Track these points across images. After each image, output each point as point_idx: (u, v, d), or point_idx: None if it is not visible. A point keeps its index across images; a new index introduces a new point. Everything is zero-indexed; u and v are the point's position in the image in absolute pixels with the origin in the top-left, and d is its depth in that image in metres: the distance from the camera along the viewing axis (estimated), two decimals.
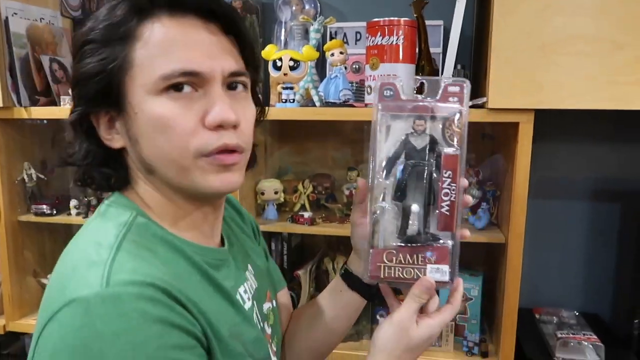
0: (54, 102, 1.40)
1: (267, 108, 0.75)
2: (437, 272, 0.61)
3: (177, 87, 0.56)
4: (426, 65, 1.21)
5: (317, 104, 1.20)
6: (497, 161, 1.33)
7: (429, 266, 0.61)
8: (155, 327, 0.50)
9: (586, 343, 1.18)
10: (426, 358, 1.22)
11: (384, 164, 0.61)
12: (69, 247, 0.59)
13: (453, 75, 1.11)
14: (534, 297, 1.45)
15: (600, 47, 0.99)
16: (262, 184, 1.36)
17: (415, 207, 0.61)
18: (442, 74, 1.12)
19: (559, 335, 1.21)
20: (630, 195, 1.37)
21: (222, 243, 0.72)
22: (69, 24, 1.52)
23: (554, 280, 1.46)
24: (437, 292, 0.64)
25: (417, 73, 1.19)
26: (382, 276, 0.61)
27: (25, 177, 1.43)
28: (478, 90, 1.20)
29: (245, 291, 0.70)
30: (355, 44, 1.41)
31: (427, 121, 0.61)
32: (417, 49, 1.18)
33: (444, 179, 0.60)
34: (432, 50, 1.24)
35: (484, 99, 1.07)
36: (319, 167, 1.49)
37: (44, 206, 1.42)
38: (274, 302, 0.81)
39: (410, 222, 0.61)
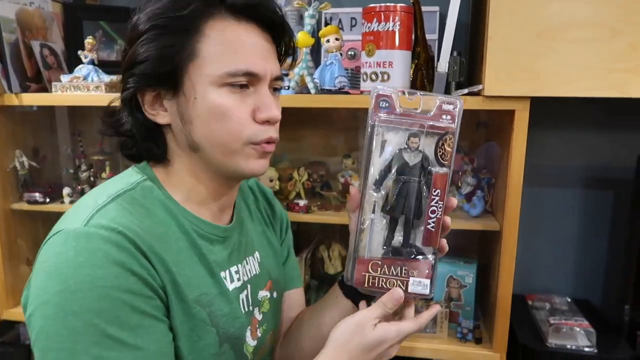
0: (45, 89, 1.37)
1: None
2: (419, 285, 0.64)
3: (233, 83, 0.65)
4: (422, 52, 1.20)
5: (312, 91, 1.19)
6: (492, 148, 1.33)
7: (411, 279, 0.64)
8: (115, 268, 0.58)
9: (578, 329, 1.20)
10: (420, 344, 1.23)
11: (376, 177, 0.64)
12: (89, 192, 0.70)
13: (449, 62, 1.10)
14: (526, 283, 1.46)
15: (596, 34, 0.99)
16: None
17: (402, 221, 0.64)
18: (438, 60, 1.11)
19: (552, 322, 1.22)
20: (623, 183, 1.38)
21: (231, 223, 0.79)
22: (59, 9, 1.48)
23: (546, 267, 1.48)
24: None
25: (413, 60, 1.18)
26: (366, 285, 0.65)
27: (17, 164, 1.41)
28: (474, 77, 1.20)
29: (237, 271, 0.76)
30: (351, 30, 1.40)
31: (421, 139, 0.64)
32: (413, 36, 1.17)
33: (432, 196, 0.64)
34: (428, 36, 1.23)
35: (480, 87, 1.06)
36: (314, 155, 1.49)
37: (37, 194, 1.41)
38: (274, 293, 0.84)
39: (396, 234, 0.64)
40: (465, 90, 1.08)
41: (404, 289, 0.64)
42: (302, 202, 1.31)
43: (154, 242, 0.62)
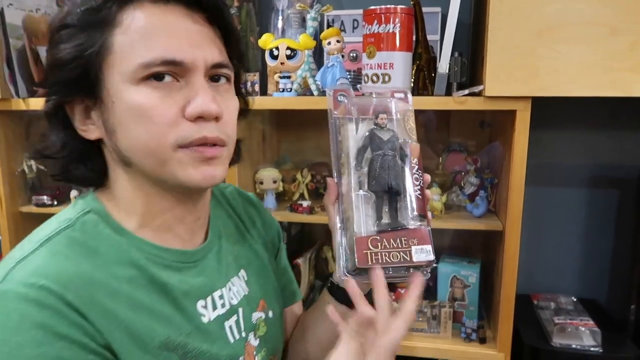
0: None
1: (252, 99, 0.73)
2: (422, 252, 0.61)
3: (157, 77, 0.54)
4: (423, 53, 1.20)
5: (315, 93, 1.20)
6: (495, 149, 1.33)
7: (413, 247, 0.61)
8: (35, 332, 0.47)
9: (583, 328, 1.19)
10: (424, 344, 1.24)
11: (355, 157, 0.63)
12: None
13: (450, 63, 1.10)
14: (532, 283, 1.46)
15: (597, 33, 0.99)
16: (260, 173, 1.36)
17: (387, 198, 0.62)
18: (439, 61, 1.12)
19: (556, 321, 1.22)
20: (628, 181, 1.37)
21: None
22: None
23: (552, 266, 1.47)
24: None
25: (414, 61, 1.18)
26: (370, 262, 0.60)
27: (26, 168, 1.43)
28: (476, 78, 1.20)
29: (221, 296, 0.66)
30: (353, 32, 1.40)
31: (389, 112, 0.65)
32: (414, 37, 1.17)
33: (412, 165, 0.64)
34: (429, 37, 1.23)
35: (481, 87, 1.06)
36: (317, 156, 1.49)
37: (45, 197, 1.43)
38: (269, 312, 0.76)
39: (384, 213, 0.62)
40: (466, 91, 1.09)
41: (408, 259, 0.60)
42: (305, 203, 1.32)
43: (96, 291, 0.53)
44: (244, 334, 0.68)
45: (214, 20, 0.59)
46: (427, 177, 0.65)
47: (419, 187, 0.63)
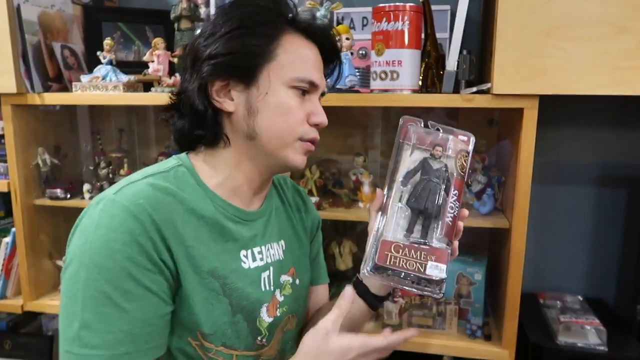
0: (65, 88, 1.42)
1: None
2: (436, 269, 0.68)
3: (298, 88, 0.76)
4: (432, 51, 1.21)
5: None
6: (502, 147, 1.34)
7: (429, 262, 0.68)
8: (125, 235, 0.66)
9: (589, 327, 1.19)
10: (430, 340, 1.24)
11: (404, 174, 0.72)
12: None
13: (458, 60, 1.11)
14: (538, 281, 1.46)
15: (604, 32, 0.98)
16: None
17: (422, 217, 0.71)
18: (447, 59, 1.12)
19: (562, 319, 1.22)
20: (636, 180, 1.37)
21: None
22: (79, 11, 1.53)
23: (558, 265, 1.47)
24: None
25: (423, 58, 1.19)
26: (387, 263, 0.68)
27: (40, 161, 1.46)
28: (484, 75, 1.20)
29: (260, 252, 0.83)
30: (362, 29, 1.41)
31: (443, 149, 0.73)
32: (423, 34, 1.18)
33: (452, 194, 0.72)
34: (438, 35, 1.24)
35: (489, 85, 1.07)
36: (326, 153, 1.50)
37: (58, 190, 1.46)
38: (297, 280, 0.90)
39: (415, 229, 0.70)
40: (474, 89, 1.09)
41: (422, 270, 0.67)
42: (314, 199, 1.33)
43: (174, 218, 0.71)
44: (272, 288, 0.84)
45: (328, 59, 0.84)
46: (465, 211, 0.74)
47: (452, 215, 0.71)
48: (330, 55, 0.84)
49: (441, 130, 0.75)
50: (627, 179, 1.39)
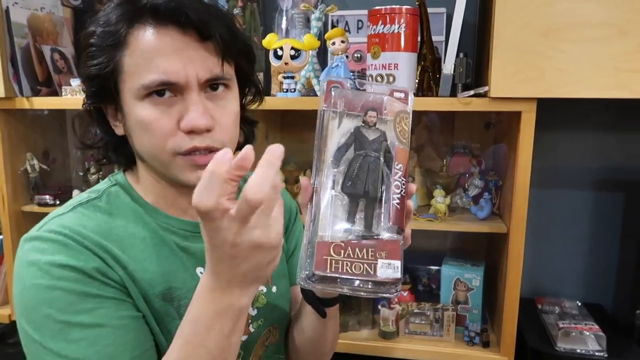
0: (55, 92, 1.40)
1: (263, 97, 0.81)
2: (389, 267, 0.56)
3: (158, 92, 0.63)
4: (428, 54, 1.20)
5: (319, 93, 1.19)
6: (499, 150, 1.32)
7: (379, 261, 0.55)
8: (60, 263, 0.60)
9: (588, 333, 1.18)
10: (427, 347, 1.23)
11: (334, 153, 0.57)
12: None
13: (455, 64, 1.10)
14: (536, 287, 1.45)
15: (603, 34, 0.98)
16: None
17: (363, 203, 0.57)
18: (444, 62, 1.11)
19: (561, 325, 1.21)
20: (634, 184, 1.36)
21: None
22: (69, 14, 1.51)
23: (556, 270, 1.46)
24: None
25: (419, 61, 1.18)
26: (328, 270, 0.54)
27: (28, 167, 1.43)
28: (481, 78, 1.19)
29: None
30: (357, 32, 1.40)
31: (378, 116, 0.59)
32: (419, 37, 1.17)
33: (395, 170, 0.58)
34: (435, 38, 1.23)
35: (486, 88, 1.05)
36: None
37: (47, 196, 1.43)
38: (273, 288, 0.82)
39: (357, 218, 0.57)
40: (471, 92, 1.08)
41: (372, 273, 0.55)
42: None
43: (110, 244, 0.65)
44: None
45: (205, 37, 0.63)
46: (412, 186, 0.61)
47: (399, 195, 0.57)
48: (206, 29, 0.62)
49: (372, 90, 0.60)
50: (624, 182, 1.39)
